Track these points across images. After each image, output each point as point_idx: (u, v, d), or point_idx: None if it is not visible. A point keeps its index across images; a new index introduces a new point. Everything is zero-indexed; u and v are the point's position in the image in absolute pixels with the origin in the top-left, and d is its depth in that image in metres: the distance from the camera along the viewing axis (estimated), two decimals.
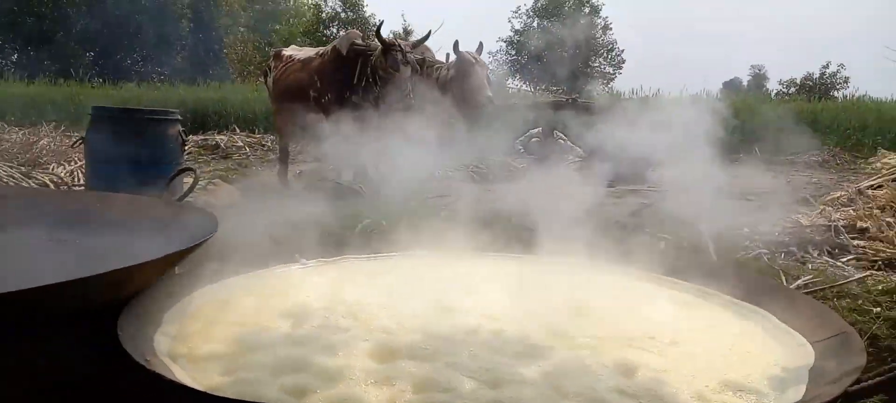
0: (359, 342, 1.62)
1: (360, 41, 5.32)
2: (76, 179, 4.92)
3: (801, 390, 1.42)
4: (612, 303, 2.01)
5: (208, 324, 1.74)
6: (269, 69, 5.94)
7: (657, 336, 1.71)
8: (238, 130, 11.86)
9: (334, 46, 5.42)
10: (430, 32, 5.54)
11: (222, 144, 9.69)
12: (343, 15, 37.03)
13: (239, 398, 1.17)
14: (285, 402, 1.29)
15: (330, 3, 36.95)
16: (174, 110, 3.17)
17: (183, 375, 1.37)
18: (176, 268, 1.98)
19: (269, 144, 10.97)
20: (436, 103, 4.70)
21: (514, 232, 2.78)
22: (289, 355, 1.52)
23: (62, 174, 4.88)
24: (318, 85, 5.28)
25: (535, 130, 8.81)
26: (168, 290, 1.86)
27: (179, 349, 1.59)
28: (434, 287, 2.14)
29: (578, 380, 1.42)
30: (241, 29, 33.60)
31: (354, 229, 2.93)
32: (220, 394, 1.25)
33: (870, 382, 1.30)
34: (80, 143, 2.97)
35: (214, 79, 22.00)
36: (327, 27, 37.01)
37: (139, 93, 15.57)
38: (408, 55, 5.00)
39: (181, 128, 3.09)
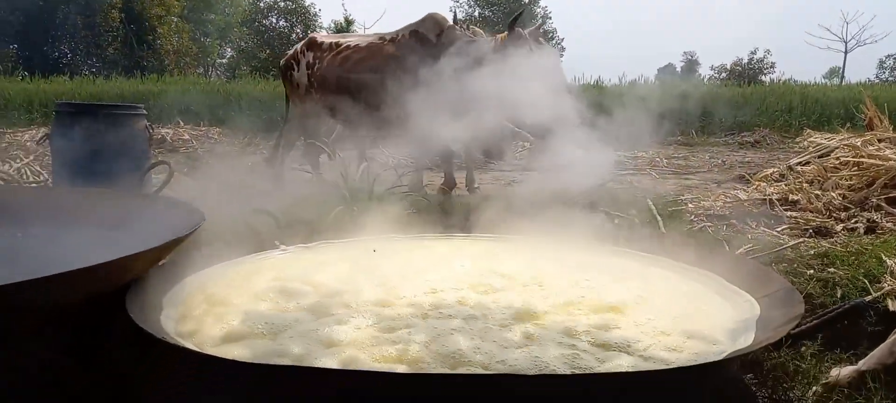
0: (356, 314, 1.74)
1: (450, 25, 4.71)
2: (25, 177, 4.80)
3: (750, 336, 1.63)
4: (580, 274, 2.19)
5: (206, 306, 1.83)
6: (296, 61, 5.17)
7: (625, 298, 1.89)
8: (182, 123, 11.60)
9: (415, 30, 4.75)
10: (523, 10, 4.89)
11: (168, 138, 9.49)
12: (282, 4, 36.32)
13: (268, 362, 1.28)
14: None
15: None
16: (139, 104, 3.17)
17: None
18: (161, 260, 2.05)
19: (216, 137, 10.79)
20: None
21: (483, 215, 2.94)
22: (293, 329, 1.63)
23: (10, 171, 4.75)
24: (398, 74, 4.52)
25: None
26: (161, 278, 1.93)
27: (184, 329, 1.68)
28: (408, 265, 2.27)
29: (561, 338, 1.59)
30: (175, 19, 32.54)
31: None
32: (260, 361, 1.35)
33: (808, 324, 1.51)
34: (45, 140, 2.95)
35: (149, 72, 21.30)
36: (265, 17, 36.25)
37: (72, 87, 14.96)
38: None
39: (148, 123, 3.11)
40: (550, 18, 38.04)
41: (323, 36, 5.26)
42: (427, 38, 4.67)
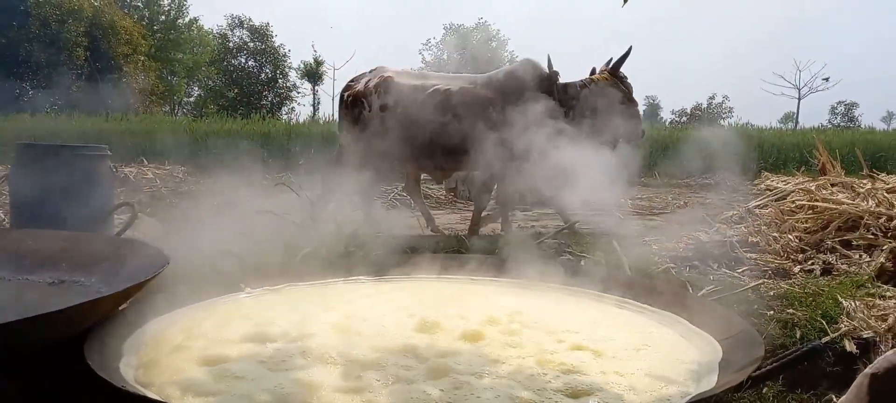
0: (320, 361, 1.72)
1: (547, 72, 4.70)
2: None
3: (713, 379, 1.66)
4: (546, 315, 2.21)
5: (168, 353, 1.79)
6: (365, 99, 4.75)
7: (591, 341, 1.92)
8: (146, 162, 11.42)
9: (512, 73, 4.71)
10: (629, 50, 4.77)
11: (132, 177, 9.33)
12: (251, 44, 36.43)
13: None
14: None
15: (237, 33, 36.28)
16: (103, 144, 3.13)
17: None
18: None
19: (181, 176, 10.65)
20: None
21: (455, 256, 2.94)
22: (257, 376, 1.61)
23: None
24: (493, 118, 4.52)
25: None
26: (122, 324, 1.89)
27: (144, 377, 1.64)
28: (377, 308, 2.26)
29: (528, 382, 1.60)
30: (142, 58, 32.32)
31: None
32: None
33: (769, 367, 1.55)
34: (3, 180, 2.88)
35: (114, 110, 21.02)
36: (234, 57, 36.26)
37: (33, 125, 14.69)
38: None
39: (112, 164, 3.07)
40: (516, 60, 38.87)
41: (398, 74, 4.87)
42: (525, 81, 4.61)
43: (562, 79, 4.67)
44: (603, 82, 4.61)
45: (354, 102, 4.80)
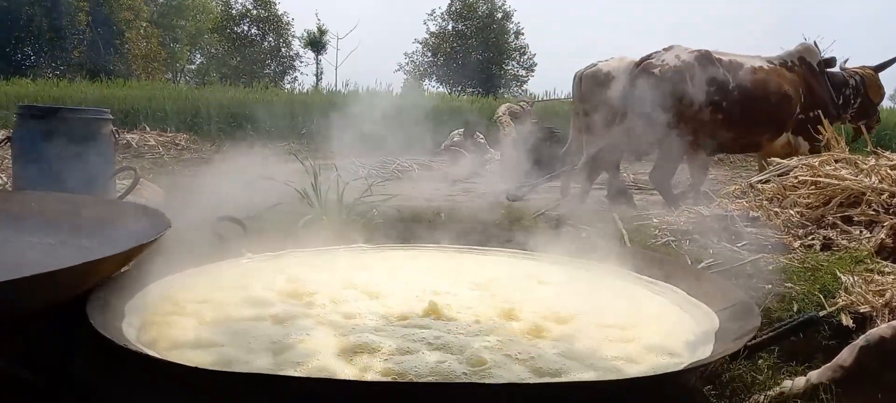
0: (321, 324, 1.74)
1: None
2: None
3: (709, 348, 1.67)
4: (548, 286, 2.22)
5: (169, 314, 1.81)
6: (687, 74, 4.81)
7: (588, 310, 1.93)
8: (148, 129, 11.42)
9: (802, 57, 5.11)
10: None
11: (134, 143, 9.34)
12: (254, 11, 36.11)
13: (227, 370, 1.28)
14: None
15: (240, 0, 35.96)
16: (104, 108, 3.13)
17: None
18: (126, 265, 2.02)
19: (183, 143, 10.65)
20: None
21: (459, 227, 2.96)
22: (259, 337, 1.62)
23: None
24: (803, 101, 4.97)
25: (458, 131, 9.03)
26: (124, 285, 1.90)
27: (146, 337, 1.66)
28: (377, 276, 2.28)
29: (524, 349, 1.61)
30: (144, 24, 32.07)
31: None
32: (225, 369, 1.34)
33: (764, 337, 1.56)
34: (6, 143, 2.89)
35: (116, 76, 20.94)
36: (237, 24, 35.99)
37: (36, 90, 14.63)
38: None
39: (114, 128, 3.07)
40: (523, 33, 38.45)
41: (715, 52, 5.03)
42: (813, 67, 5.13)
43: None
44: (869, 75, 5.40)
45: (678, 77, 4.82)
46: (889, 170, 3.69)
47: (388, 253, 2.77)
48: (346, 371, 1.46)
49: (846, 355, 1.60)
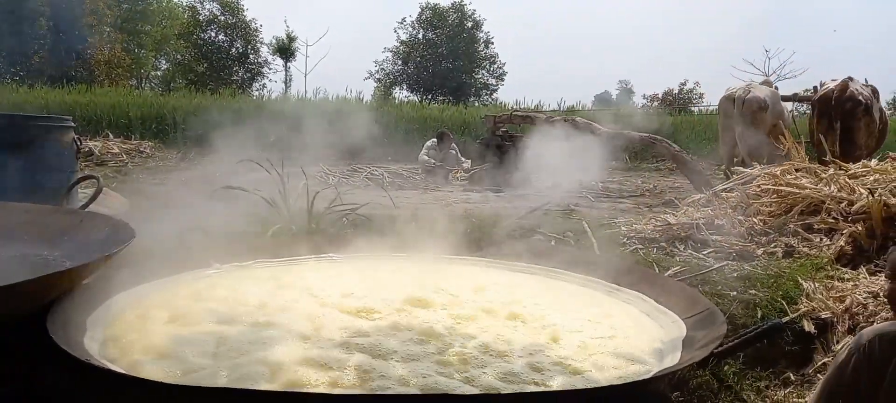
0: (287, 337, 1.71)
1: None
2: None
3: (676, 356, 1.69)
4: (515, 294, 2.23)
5: (133, 328, 1.76)
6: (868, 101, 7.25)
7: (557, 318, 1.94)
8: (112, 136, 11.16)
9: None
10: None
11: (96, 151, 9.12)
12: (222, 17, 35.67)
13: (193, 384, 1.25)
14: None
15: (207, 6, 35.45)
16: (66, 116, 3.05)
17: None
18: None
19: (148, 151, 10.45)
20: None
21: (425, 235, 2.95)
22: (226, 350, 1.59)
23: None
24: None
25: (431, 142, 9.02)
26: (86, 298, 1.85)
27: (109, 351, 1.62)
28: (347, 285, 2.26)
29: (493, 360, 1.61)
30: (107, 29, 31.37)
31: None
32: (190, 383, 1.31)
33: (730, 344, 1.59)
34: None
35: (78, 82, 20.45)
36: (204, 30, 35.49)
37: None
38: None
39: (76, 136, 2.99)
40: (493, 42, 38.68)
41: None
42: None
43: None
44: None
45: (857, 103, 7.19)
46: (847, 180, 3.80)
47: (357, 263, 2.75)
48: (316, 381, 1.44)
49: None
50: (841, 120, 7.15)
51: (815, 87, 7.86)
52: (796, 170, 4.29)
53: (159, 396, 1.25)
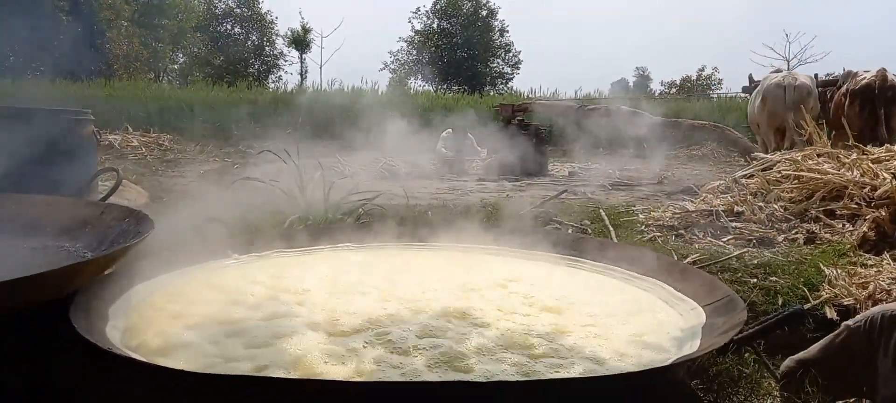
0: (307, 326, 1.72)
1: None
2: None
3: (696, 343, 1.68)
4: (535, 283, 2.22)
5: (154, 317, 1.78)
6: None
7: (575, 306, 1.93)
8: (131, 129, 11.29)
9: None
10: None
11: (116, 144, 9.23)
12: (237, 10, 35.86)
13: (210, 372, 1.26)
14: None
15: None
16: (85, 109, 3.08)
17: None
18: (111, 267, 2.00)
19: (167, 144, 10.55)
20: None
21: (442, 225, 2.95)
22: (245, 339, 1.61)
23: None
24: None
25: (446, 132, 9.02)
26: (107, 287, 1.88)
27: (131, 341, 1.64)
28: (365, 276, 2.26)
29: (515, 341, 1.61)
30: (125, 23, 31.66)
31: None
32: (211, 372, 1.32)
33: (751, 331, 1.57)
34: None
35: (97, 76, 20.69)
36: (220, 23, 35.72)
37: (15, 90, 14.39)
38: None
39: (95, 129, 3.02)
40: (508, 31, 38.48)
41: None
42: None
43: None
44: None
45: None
46: (870, 164, 3.73)
47: (375, 252, 2.76)
48: (335, 371, 1.45)
49: (832, 336, 1.63)
50: (884, 107, 7.18)
51: (846, 73, 7.81)
52: (818, 156, 4.23)
53: (182, 384, 1.27)
